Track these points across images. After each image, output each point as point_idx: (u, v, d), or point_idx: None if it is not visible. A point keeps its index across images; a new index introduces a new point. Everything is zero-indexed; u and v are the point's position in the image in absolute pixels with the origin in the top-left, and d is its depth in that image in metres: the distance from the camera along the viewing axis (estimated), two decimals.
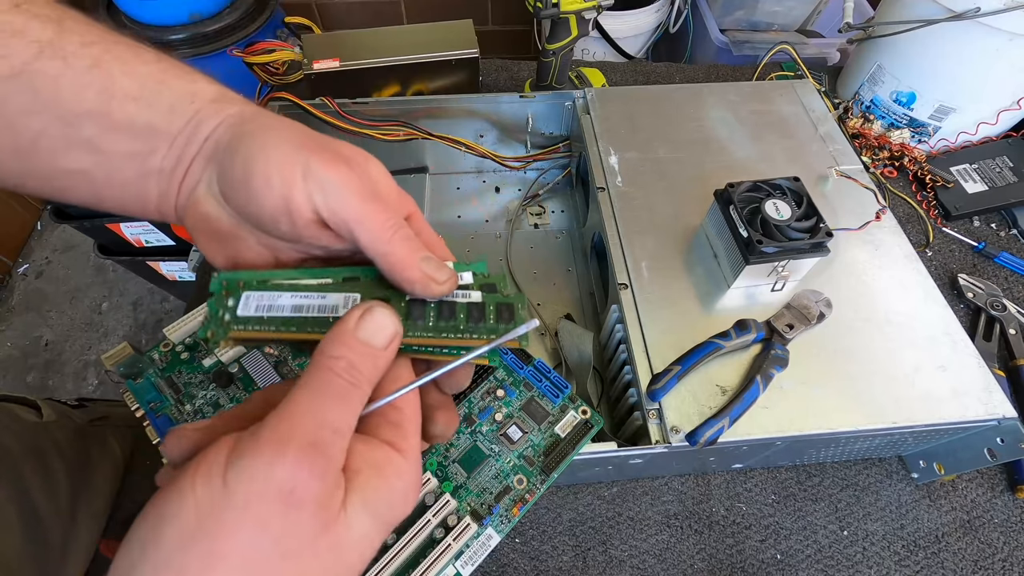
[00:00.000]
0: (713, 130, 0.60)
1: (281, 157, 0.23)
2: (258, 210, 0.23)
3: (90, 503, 0.46)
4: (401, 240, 0.24)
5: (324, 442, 0.19)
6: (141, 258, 1.18)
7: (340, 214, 0.23)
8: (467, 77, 0.72)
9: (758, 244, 0.43)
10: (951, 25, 0.59)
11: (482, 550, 0.32)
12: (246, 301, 0.24)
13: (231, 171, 0.24)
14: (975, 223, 0.68)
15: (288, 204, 0.23)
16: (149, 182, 0.25)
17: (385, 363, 0.22)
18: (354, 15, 1.59)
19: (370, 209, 0.23)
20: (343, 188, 0.23)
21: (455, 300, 0.26)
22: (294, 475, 0.18)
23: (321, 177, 0.23)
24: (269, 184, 0.23)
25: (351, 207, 0.23)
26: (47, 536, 0.41)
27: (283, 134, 0.24)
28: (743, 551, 0.47)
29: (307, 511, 0.18)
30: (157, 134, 0.24)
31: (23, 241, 1.61)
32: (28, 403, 0.48)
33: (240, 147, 0.23)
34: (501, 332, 0.25)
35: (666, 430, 0.40)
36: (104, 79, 0.23)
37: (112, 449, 0.50)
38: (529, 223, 0.68)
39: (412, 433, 0.23)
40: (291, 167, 0.23)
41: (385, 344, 0.22)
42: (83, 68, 0.23)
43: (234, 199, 0.24)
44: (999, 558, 0.47)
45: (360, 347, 0.21)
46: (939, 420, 0.41)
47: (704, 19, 1.22)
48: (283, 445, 0.18)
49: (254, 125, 0.24)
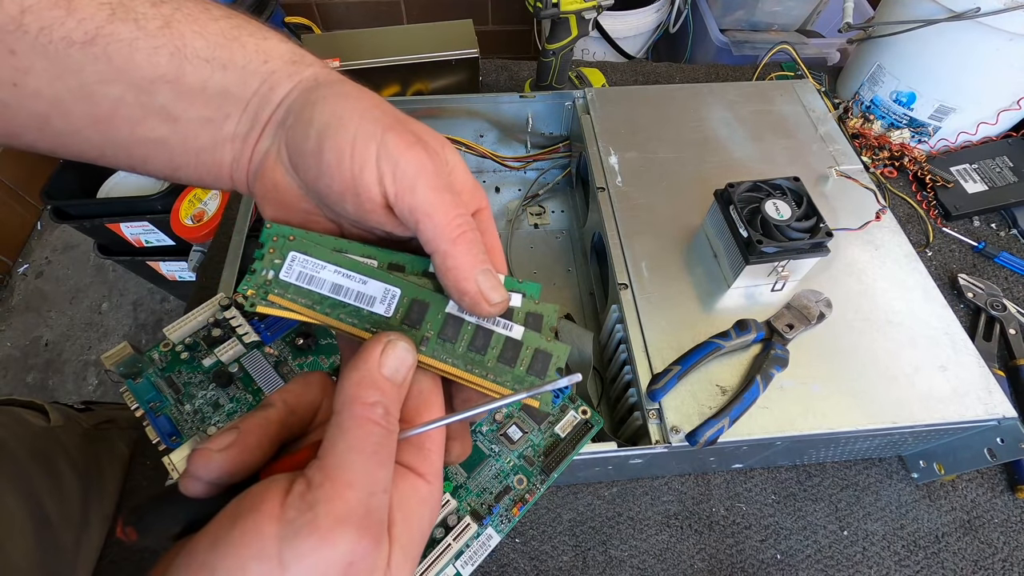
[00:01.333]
0: (713, 130, 0.60)
1: (357, 132, 0.22)
2: (327, 185, 0.22)
3: (100, 507, 0.46)
4: (466, 243, 0.22)
5: (376, 508, 0.18)
6: (141, 258, 1.18)
7: (408, 201, 0.22)
8: (467, 77, 0.72)
9: (758, 244, 0.43)
10: (951, 25, 0.59)
11: (482, 550, 0.32)
12: (291, 264, 0.24)
13: (303, 141, 0.22)
14: (975, 223, 0.68)
15: (357, 183, 0.22)
16: (224, 149, 0.24)
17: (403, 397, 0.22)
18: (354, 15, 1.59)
19: (440, 201, 0.22)
20: (416, 173, 0.21)
21: (493, 329, 0.24)
22: (355, 549, 0.17)
23: (395, 158, 0.21)
24: (341, 160, 0.22)
25: (420, 196, 0.21)
26: (59, 541, 0.41)
27: (360, 104, 0.22)
28: (743, 551, 0.47)
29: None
30: (230, 98, 0.23)
31: (23, 241, 1.61)
32: (35, 407, 0.48)
33: (314, 115, 0.22)
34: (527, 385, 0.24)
35: (666, 430, 0.40)
36: (176, 40, 0.22)
37: (120, 452, 0.51)
38: (529, 223, 0.68)
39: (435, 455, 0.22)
40: (366, 143, 0.21)
41: (403, 379, 0.22)
42: (154, 29, 0.22)
43: (303, 170, 0.23)
44: (999, 558, 0.47)
45: (390, 388, 0.21)
46: (939, 420, 0.41)
47: (704, 19, 1.22)
48: (343, 522, 0.17)
49: (329, 91, 0.23)
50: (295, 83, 0.24)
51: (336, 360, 0.40)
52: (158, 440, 0.36)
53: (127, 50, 0.22)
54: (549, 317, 0.25)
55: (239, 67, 0.23)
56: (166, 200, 1.00)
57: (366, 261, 0.25)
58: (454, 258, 0.22)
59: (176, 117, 0.23)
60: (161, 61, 0.22)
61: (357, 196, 0.22)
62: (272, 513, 0.17)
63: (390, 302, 0.24)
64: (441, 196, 0.22)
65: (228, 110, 0.24)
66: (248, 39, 0.24)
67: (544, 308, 0.25)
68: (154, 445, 0.36)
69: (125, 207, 1.05)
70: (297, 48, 0.25)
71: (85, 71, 0.21)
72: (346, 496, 0.18)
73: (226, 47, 0.23)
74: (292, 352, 0.40)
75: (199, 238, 0.93)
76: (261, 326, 0.39)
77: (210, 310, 0.41)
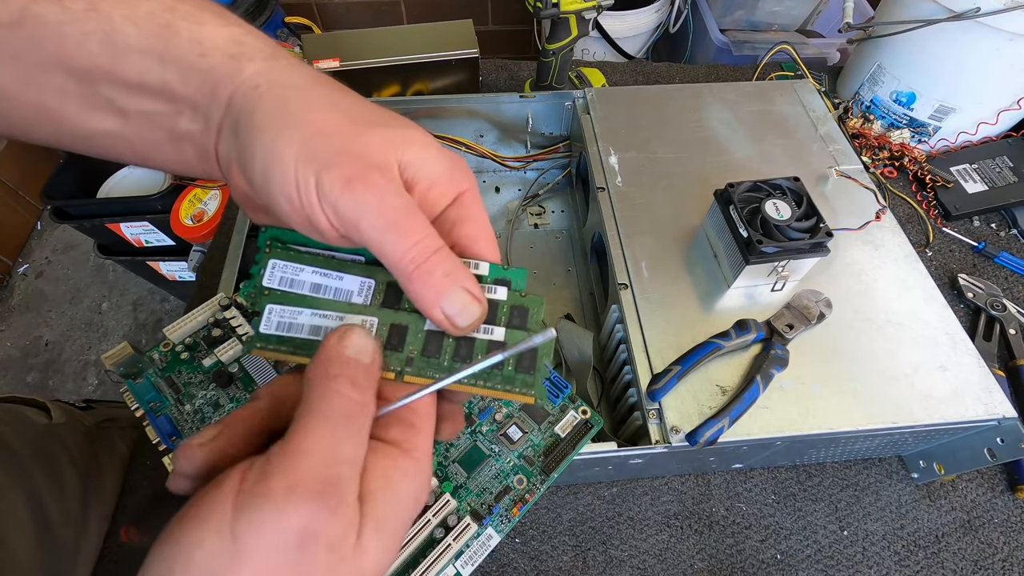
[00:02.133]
0: (713, 130, 0.60)
1: (297, 176, 0.20)
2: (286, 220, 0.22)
3: (99, 506, 0.46)
4: (422, 277, 0.21)
5: (338, 479, 0.18)
6: (141, 258, 1.18)
7: (358, 239, 0.21)
8: (467, 77, 0.72)
9: (758, 244, 0.43)
10: (951, 25, 0.59)
11: (482, 550, 0.32)
12: (271, 271, 0.24)
13: (252, 173, 0.21)
14: (975, 223, 0.68)
15: (312, 222, 0.21)
16: (183, 145, 0.23)
17: (377, 377, 0.21)
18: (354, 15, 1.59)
19: (386, 240, 0.21)
20: (358, 217, 0.20)
21: (475, 336, 0.24)
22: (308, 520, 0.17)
23: (334, 203, 0.20)
24: (291, 202, 0.21)
25: (366, 236, 0.21)
26: (58, 539, 0.41)
27: (297, 134, 0.21)
28: (743, 551, 0.47)
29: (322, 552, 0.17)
30: (173, 98, 0.22)
31: (23, 241, 1.61)
32: (37, 404, 0.48)
33: (256, 150, 0.21)
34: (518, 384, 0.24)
35: (666, 430, 0.40)
36: (104, 24, 0.21)
37: (120, 451, 0.51)
38: (529, 223, 0.68)
39: (423, 432, 0.22)
40: (307, 190, 0.20)
41: (370, 360, 0.21)
42: (80, 11, 0.21)
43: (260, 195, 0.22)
44: (999, 558, 0.47)
45: (355, 364, 0.20)
46: (939, 420, 0.41)
47: (704, 19, 1.22)
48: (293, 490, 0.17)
49: (270, 112, 0.21)
50: (236, 86, 0.22)
51: None
52: (158, 440, 0.36)
53: (56, 35, 0.20)
54: (535, 311, 0.25)
55: (174, 61, 0.21)
56: (166, 200, 1.00)
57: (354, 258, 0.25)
58: (414, 294, 0.22)
59: (124, 110, 0.22)
60: (93, 49, 0.21)
61: (318, 232, 0.22)
62: (231, 488, 0.17)
63: (367, 293, 0.24)
64: (386, 234, 0.20)
65: (177, 107, 0.22)
66: (182, 24, 0.22)
67: (530, 301, 0.25)
68: (154, 445, 0.36)
69: (125, 207, 1.05)
70: (237, 33, 0.23)
71: (23, 57, 0.20)
72: (300, 464, 0.18)
73: (159, 36, 0.21)
74: None
75: (199, 238, 0.93)
76: None
77: (210, 310, 0.41)
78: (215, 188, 0.95)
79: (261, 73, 0.22)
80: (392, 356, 0.24)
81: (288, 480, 0.17)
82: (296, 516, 0.17)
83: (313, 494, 0.17)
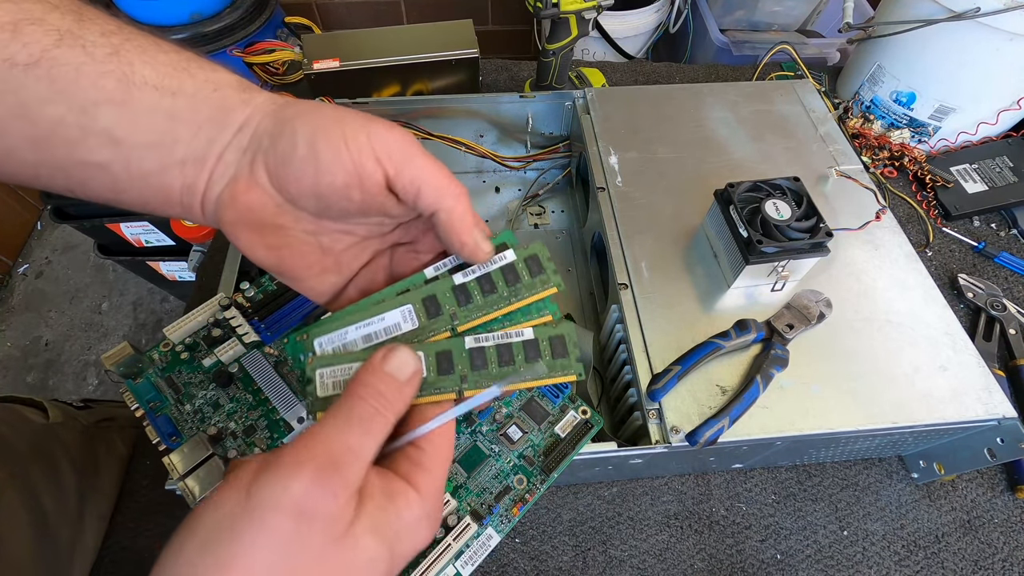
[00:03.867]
0: (713, 130, 0.60)
1: (344, 129, 0.24)
2: (329, 183, 0.24)
3: (97, 505, 0.46)
4: (466, 201, 0.25)
5: (342, 462, 0.20)
6: (141, 258, 1.18)
7: (409, 173, 0.24)
8: (467, 77, 0.72)
9: (758, 244, 0.43)
10: (951, 25, 0.59)
11: (482, 550, 0.32)
12: (320, 347, 0.27)
13: (292, 151, 0.24)
14: (975, 223, 0.68)
15: (360, 170, 0.24)
16: (171, 174, 0.24)
17: (409, 395, 0.24)
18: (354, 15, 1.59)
19: (437, 168, 0.25)
20: (410, 148, 0.24)
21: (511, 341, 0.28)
22: (308, 491, 0.19)
23: (387, 141, 0.24)
24: (339, 154, 0.23)
25: (419, 164, 0.24)
26: (55, 538, 0.41)
27: (334, 112, 0.24)
28: (743, 551, 0.47)
29: (318, 526, 0.19)
30: (179, 123, 0.24)
31: (23, 241, 1.61)
32: (34, 404, 0.48)
33: (298, 129, 0.24)
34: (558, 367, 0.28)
35: (666, 430, 0.40)
36: (124, 67, 0.23)
37: (119, 451, 0.51)
38: (529, 223, 0.68)
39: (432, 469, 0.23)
40: (355, 135, 0.24)
41: (408, 377, 0.23)
42: (103, 56, 0.22)
43: (297, 178, 0.24)
44: (999, 558, 0.47)
45: (386, 377, 0.23)
46: (939, 420, 0.41)
47: (704, 19, 1.22)
48: (301, 463, 0.19)
49: (295, 110, 0.25)
50: (252, 108, 0.25)
51: None
52: (158, 440, 0.36)
53: (73, 73, 0.22)
54: (541, 253, 0.30)
55: (188, 94, 0.24)
56: None
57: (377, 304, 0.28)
58: (459, 214, 0.25)
59: (119, 140, 0.23)
60: (108, 85, 0.22)
61: (362, 183, 0.24)
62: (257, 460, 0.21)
63: (411, 317, 0.28)
64: (436, 164, 0.25)
65: (177, 135, 0.24)
66: (197, 70, 0.24)
67: (534, 248, 0.30)
68: (154, 445, 0.36)
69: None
70: (243, 79, 0.26)
71: (25, 90, 0.22)
72: (311, 444, 0.20)
73: (175, 76, 0.24)
74: None
75: (199, 238, 0.93)
76: (261, 326, 0.39)
77: (210, 310, 0.41)
78: None
79: (272, 97, 0.26)
80: (446, 380, 0.26)
81: (297, 456, 0.20)
82: (297, 486, 0.19)
83: (314, 470, 0.19)
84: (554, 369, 0.28)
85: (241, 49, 0.74)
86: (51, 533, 0.41)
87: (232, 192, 0.25)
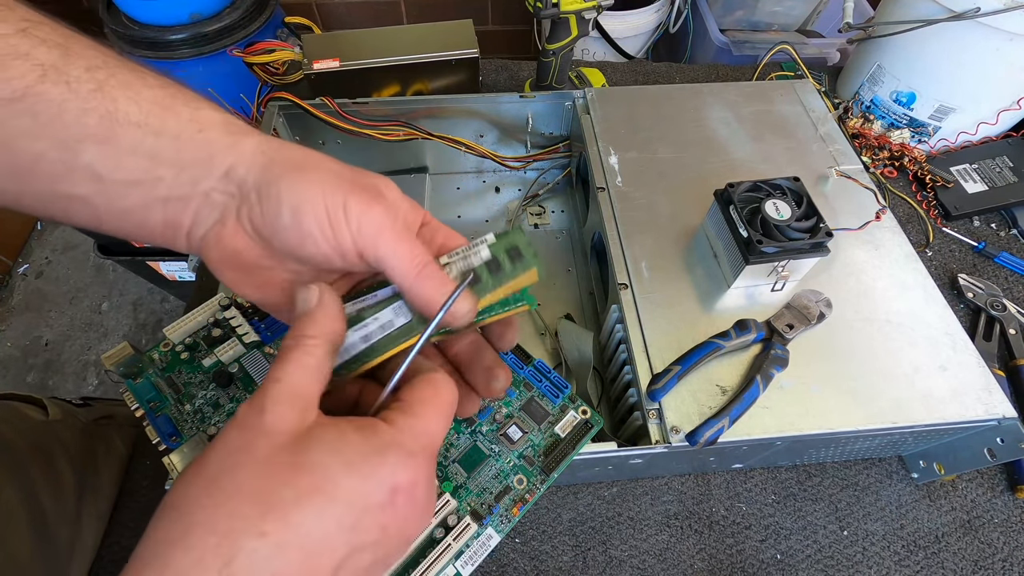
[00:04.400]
0: (713, 130, 0.60)
1: (326, 204, 0.24)
2: (312, 249, 0.25)
3: (95, 504, 0.46)
4: (425, 278, 0.26)
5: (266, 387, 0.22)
6: (141, 258, 1.18)
7: (373, 253, 0.25)
8: (467, 77, 0.72)
9: (758, 244, 0.43)
10: (951, 25, 0.59)
11: (482, 550, 0.32)
12: None
13: (278, 219, 0.25)
14: (975, 223, 0.68)
15: (339, 246, 0.25)
16: (153, 211, 0.25)
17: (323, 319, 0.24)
18: (354, 15, 1.59)
19: (399, 249, 0.25)
20: (377, 231, 0.25)
21: (472, 262, 0.29)
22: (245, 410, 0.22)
23: (359, 218, 0.25)
24: (322, 229, 0.24)
25: (383, 248, 0.25)
26: (53, 536, 0.41)
27: (318, 176, 0.25)
28: (743, 551, 0.47)
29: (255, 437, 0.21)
30: (161, 163, 0.24)
31: (23, 241, 1.61)
32: (34, 401, 0.48)
33: (283, 196, 0.24)
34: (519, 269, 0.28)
35: (666, 430, 0.40)
36: (108, 104, 0.23)
37: (118, 449, 0.51)
38: (529, 223, 0.68)
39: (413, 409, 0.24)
40: (335, 210, 0.24)
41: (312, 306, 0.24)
42: (86, 92, 0.23)
43: (283, 240, 0.25)
44: (999, 558, 0.47)
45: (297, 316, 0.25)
46: (939, 420, 0.41)
47: (704, 19, 1.22)
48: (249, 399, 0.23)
49: (281, 169, 0.25)
50: (238, 155, 0.25)
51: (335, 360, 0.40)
52: (158, 440, 0.36)
53: (56, 110, 0.22)
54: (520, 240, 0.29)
55: (172, 135, 0.24)
56: None
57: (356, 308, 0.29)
58: (418, 293, 0.26)
59: (103, 177, 0.23)
60: (90, 122, 0.23)
61: (342, 255, 0.25)
62: None
63: (404, 311, 0.28)
64: (399, 245, 0.25)
65: (160, 173, 0.24)
66: (182, 108, 0.25)
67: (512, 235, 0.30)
68: (154, 445, 0.36)
69: None
70: (229, 116, 0.26)
71: (7, 125, 0.22)
72: None
73: (159, 115, 0.24)
74: None
75: None
76: (261, 326, 0.39)
77: (210, 310, 0.41)
78: None
79: (259, 145, 0.26)
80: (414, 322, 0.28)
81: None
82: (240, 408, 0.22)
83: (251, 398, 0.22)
84: (516, 271, 0.29)
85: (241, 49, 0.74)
86: (49, 532, 0.41)
87: (218, 234, 0.26)
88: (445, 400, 0.25)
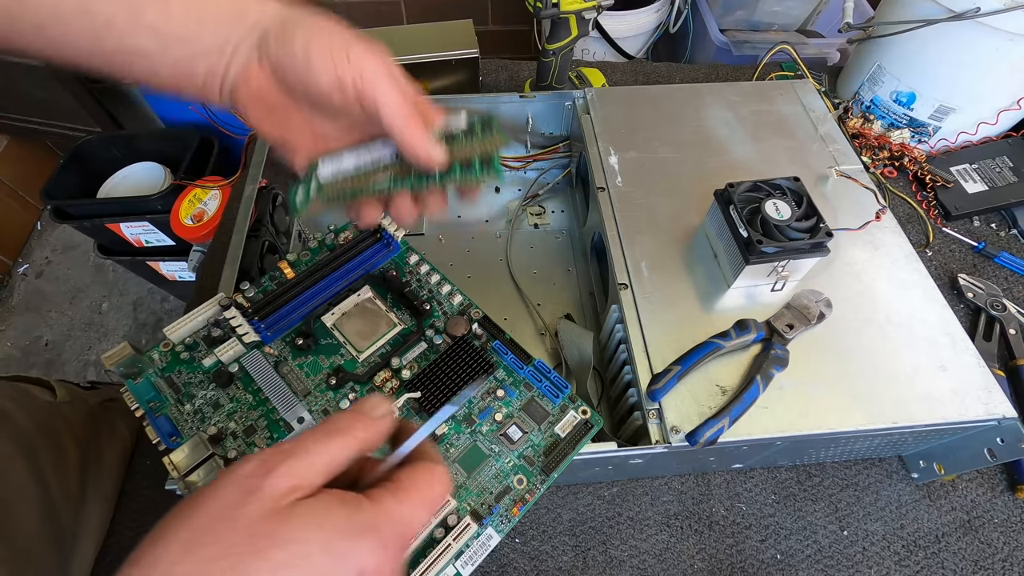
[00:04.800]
0: (713, 130, 0.60)
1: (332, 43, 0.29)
2: (316, 84, 0.29)
3: (100, 485, 0.47)
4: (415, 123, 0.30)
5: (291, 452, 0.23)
6: (141, 258, 1.18)
7: (371, 95, 0.29)
8: (467, 77, 0.72)
9: (758, 244, 0.43)
10: (951, 25, 0.59)
11: (482, 550, 0.32)
12: (323, 165, 0.32)
13: (292, 56, 0.29)
14: (975, 223, 0.68)
15: (339, 81, 0.29)
16: (198, 61, 0.30)
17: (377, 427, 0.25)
18: (354, 15, 1.58)
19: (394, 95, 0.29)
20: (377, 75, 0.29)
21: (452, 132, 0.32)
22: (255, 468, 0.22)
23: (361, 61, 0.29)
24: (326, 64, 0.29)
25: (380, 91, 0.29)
26: (59, 515, 0.42)
27: (325, 27, 0.30)
28: (743, 551, 0.47)
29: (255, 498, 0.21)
30: (205, 20, 0.30)
31: (23, 241, 1.61)
32: (43, 383, 0.49)
33: (296, 38, 0.29)
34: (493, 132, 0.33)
35: (666, 430, 0.40)
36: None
37: (121, 433, 0.51)
38: (529, 223, 0.68)
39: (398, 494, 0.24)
40: (340, 51, 0.29)
41: (380, 415, 0.25)
42: None
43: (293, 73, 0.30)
44: (999, 558, 0.47)
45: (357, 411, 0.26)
46: (939, 420, 0.41)
47: (704, 19, 1.22)
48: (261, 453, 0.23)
49: (297, 20, 0.30)
50: (262, 12, 0.31)
51: (336, 360, 0.40)
52: (158, 440, 0.36)
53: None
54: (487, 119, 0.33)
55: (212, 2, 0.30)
56: (166, 200, 1.00)
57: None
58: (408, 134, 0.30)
59: (161, 33, 0.29)
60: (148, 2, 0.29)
61: (341, 90, 0.29)
62: None
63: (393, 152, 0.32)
64: (393, 92, 0.29)
65: (203, 30, 0.30)
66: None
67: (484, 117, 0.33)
68: (154, 445, 0.36)
69: (125, 207, 1.05)
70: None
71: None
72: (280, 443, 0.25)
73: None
74: (292, 352, 0.40)
75: (199, 238, 0.93)
76: (261, 326, 0.39)
77: (210, 310, 0.41)
78: (215, 188, 0.95)
79: (282, 5, 0.31)
80: None
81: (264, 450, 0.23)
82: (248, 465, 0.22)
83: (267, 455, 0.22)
84: (486, 136, 0.32)
85: None
86: (55, 510, 0.42)
87: (245, 77, 0.31)
88: (436, 492, 0.25)
